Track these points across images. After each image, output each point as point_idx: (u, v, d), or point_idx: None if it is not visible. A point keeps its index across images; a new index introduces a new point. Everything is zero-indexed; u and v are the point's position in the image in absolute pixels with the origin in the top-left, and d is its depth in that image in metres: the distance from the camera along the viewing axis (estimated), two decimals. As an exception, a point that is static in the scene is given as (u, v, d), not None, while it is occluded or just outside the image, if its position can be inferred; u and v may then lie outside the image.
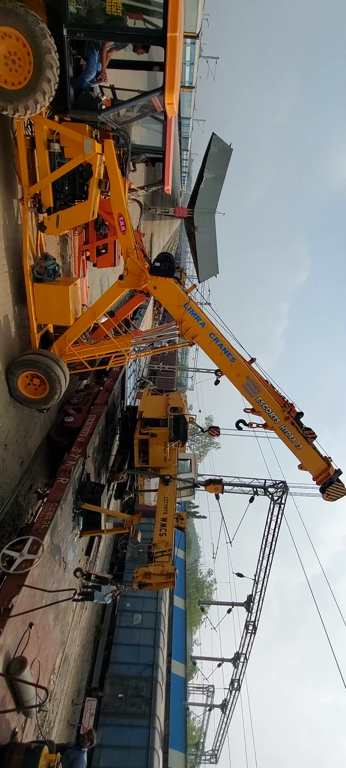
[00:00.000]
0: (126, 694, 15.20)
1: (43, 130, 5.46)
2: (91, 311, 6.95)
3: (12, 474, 6.80)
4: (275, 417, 7.02)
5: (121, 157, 6.32)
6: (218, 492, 10.20)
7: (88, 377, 10.58)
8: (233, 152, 24.05)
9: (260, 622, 18.71)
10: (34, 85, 4.48)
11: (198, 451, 59.28)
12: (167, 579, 6.70)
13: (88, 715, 13.11)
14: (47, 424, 8.47)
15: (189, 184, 76.41)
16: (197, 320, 6.94)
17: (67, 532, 6.55)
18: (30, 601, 4.72)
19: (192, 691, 29.75)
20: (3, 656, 4.08)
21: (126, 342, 7.51)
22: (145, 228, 21.08)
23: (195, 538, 67.24)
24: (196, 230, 25.42)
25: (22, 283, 6.33)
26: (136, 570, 6.77)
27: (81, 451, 7.40)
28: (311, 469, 7.12)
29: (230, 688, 22.33)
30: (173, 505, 8.46)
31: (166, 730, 17.52)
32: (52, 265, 6.45)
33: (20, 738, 4.43)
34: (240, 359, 7.11)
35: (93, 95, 5.48)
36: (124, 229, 6.43)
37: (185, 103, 44.40)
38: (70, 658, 12.00)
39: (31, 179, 5.80)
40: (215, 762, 30.49)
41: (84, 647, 14.51)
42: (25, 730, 4.59)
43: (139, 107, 6.33)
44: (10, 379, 6.33)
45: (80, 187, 6.12)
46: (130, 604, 18.48)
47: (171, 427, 9.75)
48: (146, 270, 6.62)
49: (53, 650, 5.68)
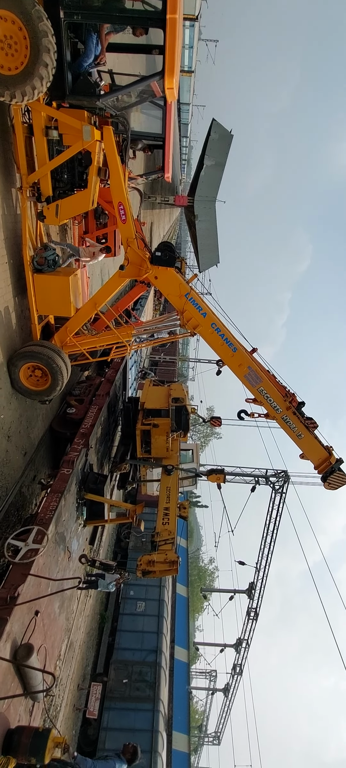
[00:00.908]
0: (130, 679, 15.50)
1: (40, 116, 5.37)
2: (92, 302, 6.91)
3: (15, 465, 6.85)
4: (277, 407, 7.02)
5: (120, 144, 6.22)
6: (220, 481, 10.26)
7: (90, 368, 10.58)
8: (233, 138, 23.67)
9: (261, 609, 19.00)
10: (31, 70, 4.39)
11: (200, 441, 59.52)
12: (170, 567, 6.78)
13: (93, 700, 13.38)
14: (49, 415, 8.50)
15: (189, 171, 75.38)
16: (198, 310, 6.90)
17: (71, 521, 6.62)
18: (35, 589, 4.79)
19: (195, 675, 30.36)
20: (10, 643, 4.15)
21: (127, 333, 7.49)
22: (145, 217, 20.86)
23: (197, 527, 67.95)
24: (196, 219, 25.14)
25: (23, 274, 6.29)
26: (140, 558, 6.85)
27: (83, 442, 7.43)
28: (312, 458, 7.14)
29: (232, 673, 22.77)
30: (176, 494, 8.52)
31: (170, 713, 17.90)
32: (52, 256, 6.40)
33: (28, 722, 4.53)
34: (242, 349, 7.08)
35: (91, 80, 5.39)
36: (124, 218, 6.36)
37: (185, 88, 43.61)
38: (76, 645, 12.26)
39: (29, 168, 5.72)
40: (218, 744, 31.22)
41: (89, 634, 14.77)
42: (33, 714, 4.69)
43: (138, 92, 6.20)
44: (12, 370, 6.33)
45: (79, 175, 6.05)
46: (133, 592, 18.74)
47: (173, 417, 9.78)
48: (147, 260, 6.56)
49: (59, 637, 5.78)
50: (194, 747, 32.14)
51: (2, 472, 6.38)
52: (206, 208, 25.78)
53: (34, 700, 4.63)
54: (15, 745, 3.97)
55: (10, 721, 4.11)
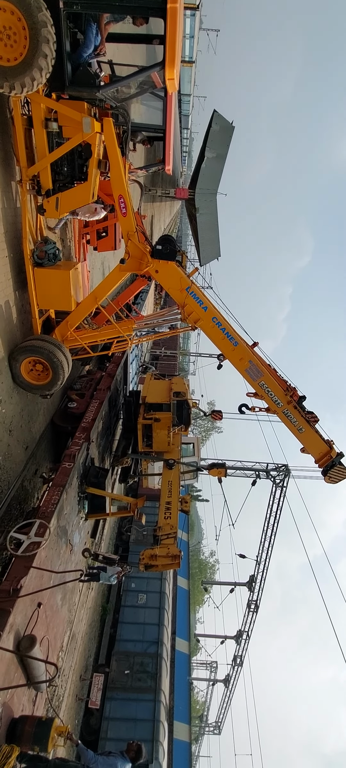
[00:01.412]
0: (132, 670, 15.68)
1: (40, 108, 5.32)
2: (93, 296, 6.89)
3: (17, 459, 6.88)
4: (278, 401, 7.02)
5: (120, 136, 6.16)
6: (221, 475, 10.29)
7: (91, 363, 10.58)
8: (234, 130, 23.42)
9: (261, 602, 19.14)
10: (31, 61, 4.34)
11: (200, 435, 59.58)
12: (173, 561, 6.84)
13: (95, 690, 13.57)
14: (51, 409, 8.52)
15: (190, 164, 74.72)
16: (199, 304, 6.88)
17: (73, 515, 6.66)
18: (38, 581, 4.84)
19: (196, 666, 30.68)
20: (13, 634, 4.20)
21: (128, 327, 7.47)
22: (146, 210, 20.73)
23: (198, 520, 68.30)
24: (197, 212, 24.96)
25: (23, 268, 6.27)
26: (142, 552, 6.91)
27: (85, 436, 7.46)
28: (313, 452, 7.15)
29: (233, 664, 23.00)
30: (177, 488, 8.56)
31: (171, 704, 18.13)
32: (52, 249, 6.37)
33: (31, 711, 4.61)
34: (243, 343, 7.07)
35: (91, 71, 5.33)
36: (124, 212, 6.32)
37: (185, 79, 43.04)
38: (78, 636, 12.38)
39: (29, 160, 5.68)
40: (218, 733, 31.66)
41: (91, 626, 14.93)
42: (36, 704, 4.76)
43: (138, 83, 6.13)
44: (13, 365, 6.34)
45: (79, 168, 6.00)
46: (135, 585, 18.91)
47: (174, 411, 9.79)
48: (148, 253, 6.53)
49: (61, 628, 5.85)
50: (195, 736, 32.60)
51: (4, 466, 6.42)
52: (207, 200, 25.58)
53: (38, 690, 4.70)
54: (19, 734, 4.04)
55: (14, 710, 4.18)
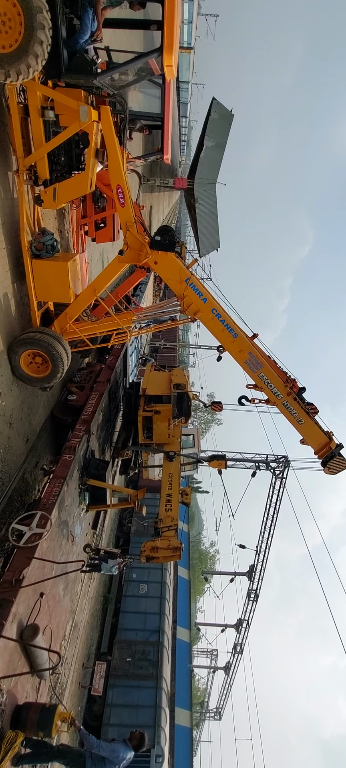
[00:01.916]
0: (134, 658, 15.91)
1: (36, 96, 5.24)
2: (92, 288, 6.86)
3: (18, 451, 6.91)
4: (278, 392, 7.02)
5: (118, 124, 6.08)
6: (222, 467, 10.34)
7: (90, 355, 10.56)
8: (233, 118, 23.09)
9: (261, 591, 19.35)
10: (26, 48, 4.26)
11: (200, 427, 59.74)
12: (174, 552, 6.91)
13: (98, 678, 13.79)
14: (51, 402, 8.52)
15: (189, 153, 73.75)
16: (198, 296, 6.85)
17: (74, 507, 6.71)
18: (40, 572, 4.89)
19: (196, 654, 31.14)
20: (16, 624, 4.26)
21: (127, 319, 7.45)
22: (144, 200, 20.53)
23: (198, 512, 68.76)
24: (196, 202, 24.72)
25: (21, 260, 6.22)
26: (143, 544, 6.98)
27: (85, 428, 7.47)
28: (312, 443, 7.17)
29: (233, 652, 23.35)
30: (178, 480, 8.61)
31: (173, 690, 18.44)
32: (50, 241, 6.32)
33: (35, 699, 4.68)
34: (242, 335, 7.05)
35: (88, 58, 5.23)
36: (123, 202, 6.26)
37: (184, 66, 42.31)
38: (80, 626, 12.55)
39: (26, 150, 5.61)
40: (219, 719, 32.25)
41: (93, 615, 15.12)
42: (40, 692, 4.84)
43: (136, 70, 6.04)
44: (13, 357, 6.33)
45: (77, 157, 5.93)
46: (136, 575, 19.10)
47: (175, 403, 9.80)
48: (146, 244, 6.48)
49: (64, 618, 5.92)
50: (196, 722, 33.19)
51: (5, 458, 6.44)
52: (206, 190, 25.32)
53: (41, 678, 4.77)
54: (23, 721, 4.12)
55: (18, 697, 4.25)
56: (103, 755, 4.54)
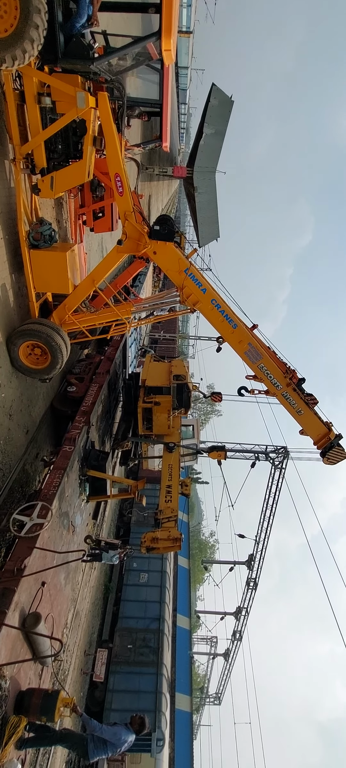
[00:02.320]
0: (135, 645, 16.17)
1: (32, 82, 5.14)
2: (90, 278, 6.81)
3: (18, 443, 6.93)
4: (277, 383, 7.02)
5: (116, 111, 5.98)
6: (221, 458, 10.38)
7: (90, 346, 10.53)
8: (234, 104, 22.72)
9: (260, 580, 19.61)
10: (22, 33, 4.16)
11: (200, 418, 59.89)
12: (174, 543, 6.98)
13: (99, 664, 14.03)
14: (50, 393, 8.53)
15: (188, 141, 72.71)
16: (198, 286, 6.81)
17: (75, 497, 6.75)
18: (41, 562, 4.94)
19: (196, 641, 31.67)
20: (19, 612, 4.31)
21: (126, 310, 7.41)
22: (143, 189, 20.28)
23: (198, 502, 69.32)
24: (196, 191, 24.46)
25: (19, 250, 6.17)
26: (144, 535, 7.03)
27: (85, 419, 7.49)
28: (312, 434, 7.20)
29: (232, 639, 23.73)
30: (178, 472, 8.65)
31: (173, 676, 18.78)
32: (48, 231, 6.26)
33: (38, 685, 4.77)
34: (242, 326, 7.03)
35: (84, 42, 5.12)
36: (121, 191, 6.19)
37: (183, 51, 41.46)
38: (82, 614, 12.73)
39: (22, 138, 5.52)
40: (219, 704, 32.92)
41: (94, 604, 15.32)
42: (42, 678, 4.93)
43: (134, 55, 5.91)
44: (12, 349, 6.31)
45: (74, 145, 5.84)
46: (136, 564, 19.32)
47: (174, 394, 9.80)
48: (145, 234, 6.42)
49: (65, 606, 6.00)
50: (196, 707, 33.87)
51: (5, 449, 6.46)
52: (206, 179, 25.03)
53: (43, 664, 4.85)
54: (26, 706, 4.20)
55: (21, 684, 4.33)
56: (105, 738, 4.65)
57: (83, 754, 4.64)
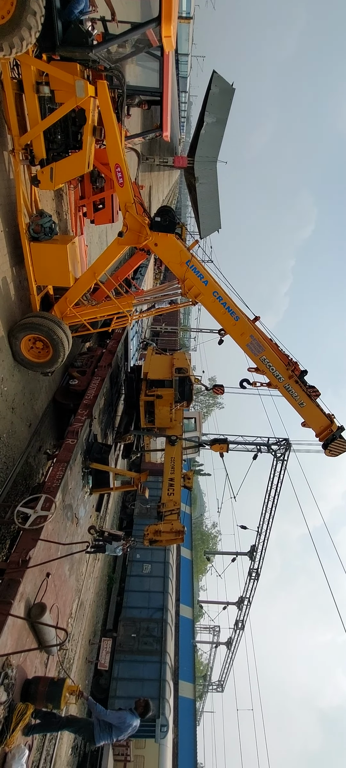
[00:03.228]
0: (138, 634, 16.40)
1: (30, 71, 5.06)
2: (91, 271, 6.78)
3: (21, 436, 6.96)
4: (279, 376, 7.00)
5: (115, 100, 5.89)
6: (223, 450, 10.40)
7: (91, 339, 10.52)
8: (235, 92, 22.33)
9: (262, 571, 19.76)
10: (19, 20, 4.08)
11: (202, 410, 59.93)
12: (176, 536, 7.03)
13: (104, 653, 14.25)
14: (52, 387, 8.54)
15: (188, 130, 71.71)
16: (199, 278, 6.76)
17: (78, 490, 6.79)
18: (46, 553, 4.99)
19: (199, 630, 32.08)
20: (24, 602, 4.37)
21: (128, 302, 7.38)
22: (143, 180, 20.06)
23: (200, 494, 69.67)
24: (196, 182, 24.16)
25: (19, 243, 6.13)
26: (146, 528, 7.09)
27: (87, 413, 7.51)
28: (314, 426, 7.19)
29: (235, 628, 24.01)
30: (180, 464, 8.68)
31: (176, 665, 19.05)
32: (48, 223, 6.22)
33: (44, 673, 4.85)
34: (244, 318, 6.99)
35: (83, 29, 5.03)
36: (121, 182, 6.12)
37: (183, 37, 40.66)
38: (86, 604, 12.89)
39: (21, 128, 5.45)
40: (221, 691, 33.44)
41: (98, 594, 15.51)
42: (48, 667, 5.01)
43: (133, 42, 5.80)
44: (13, 342, 6.31)
45: (74, 135, 5.76)
46: (139, 555, 19.51)
47: (176, 388, 9.79)
48: (146, 226, 6.37)
49: (70, 597, 6.08)
50: (199, 694, 34.45)
51: (8, 443, 6.50)
52: (207, 169, 24.71)
53: (49, 653, 4.93)
54: (33, 693, 4.27)
55: (27, 672, 4.40)
56: (111, 722, 4.72)
57: (89, 738, 4.71)
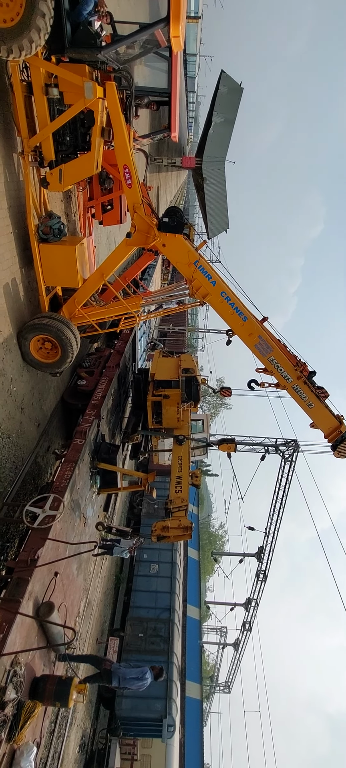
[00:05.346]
0: (146, 634, 16.41)
1: (39, 73, 5.10)
2: (99, 272, 6.80)
3: (30, 436, 7.03)
4: (288, 376, 6.93)
5: (123, 101, 5.90)
6: (231, 451, 10.35)
7: (99, 340, 10.57)
8: (243, 92, 22.19)
9: (269, 573, 19.59)
10: (28, 22, 4.13)
11: (209, 411, 59.77)
12: (184, 532, 7.00)
13: (111, 652, 14.29)
14: (61, 387, 8.60)
15: (196, 130, 71.60)
16: (207, 279, 6.73)
17: (86, 490, 6.82)
18: (54, 552, 5.02)
19: (206, 631, 31.96)
20: (32, 601, 4.40)
21: (136, 303, 7.39)
22: (151, 181, 20.09)
23: (207, 494, 69.48)
24: (205, 182, 24.08)
25: (28, 244, 6.19)
26: (154, 524, 7.08)
27: (95, 413, 7.54)
28: (322, 427, 7.10)
29: (242, 629, 23.86)
30: (188, 463, 8.65)
31: (183, 665, 19.02)
32: (57, 224, 6.26)
33: (51, 672, 4.88)
34: (252, 318, 6.93)
35: (92, 30, 5.05)
36: (130, 182, 6.13)
37: (191, 37, 40.60)
38: (93, 603, 12.94)
39: (30, 130, 5.50)
40: (228, 692, 33.27)
41: (105, 593, 15.57)
42: (56, 665, 5.04)
43: (141, 43, 5.81)
44: (22, 343, 6.37)
45: (82, 137, 5.79)
46: (147, 555, 19.52)
47: (183, 388, 9.78)
48: (154, 226, 6.36)
49: (78, 596, 6.10)
50: (206, 695, 34.31)
51: (17, 442, 6.56)
52: (215, 169, 24.60)
53: (57, 652, 4.96)
54: (41, 691, 4.31)
55: (36, 670, 4.43)
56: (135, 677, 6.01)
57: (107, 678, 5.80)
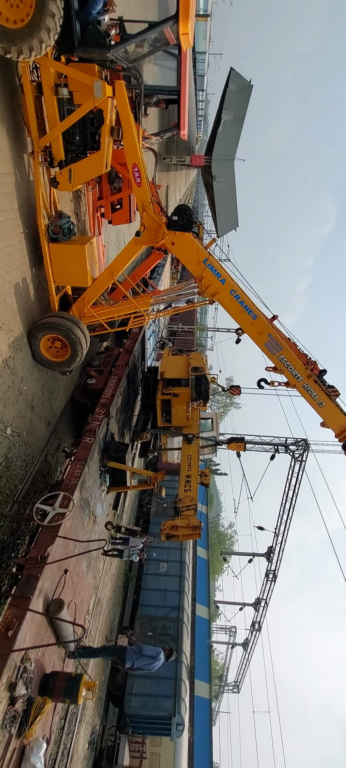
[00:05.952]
0: (155, 633, 16.44)
1: (49, 73, 5.13)
2: (109, 271, 6.82)
3: (40, 434, 7.10)
4: (298, 375, 6.83)
5: (133, 100, 5.89)
6: (240, 450, 10.27)
7: (108, 339, 10.61)
8: (253, 89, 21.95)
9: (279, 573, 19.39)
10: (38, 22, 4.15)
11: (219, 411, 59.49)
12: (193, 531, 6.99)
13: (120, 650, 14.35)
14: (70, 386, 8.67)
15: (206, 129, 71.28)
16: (217, 277, 6.67)
17: (95, 488, 6.86)
18: (64, 550, 5.06)
19: (215, 631, 31.89)
20: (42, 598, 4.44)
21: (145, 302, 7.38)
22: (161, 179, 20.08)
23: (217, 494, 69.25)
24: (214, 180, 23.92)
25: (38, 244, 6.24)
26: (163, 523, 7.09)
27: (104, 411, 7.57)
28: (333, 426, 6.97)
29: (251, 629, 23.70)
30: (197, 461, 8.62)
31: (192, 664, 19.00)
32: (67, 224, 6.30)
33: (61, 668, 4.92)
34: (262, 316, 6.85)
35: (101, 29, 5.05)
36: (139, 181, 6.12)
37: (200, 35, 40.39)
38: (103, 601, 13.03)
39: (40, 130, 5.54)
40: (237, 692, 33.12)
41: (115, 591, 15.67)
42: (66, 662, 5.08)
43: (150, 41, 5.78)
44: (33, 342, 6.43)
45: (92, 136, 5.81)
46: (156, 554, 19.56)
47: (193, 386, 9.75)
48: (163, 225, 6.34)
49: (87, 593, 6.15)
50: (215, 694, 34.24)
51: (28, 441, 6.64)
52: (225, 167, 24.41)
53: (66, 649, 5.00)
54: (50, 688, 4.34)
55: (45, 667, 4.47)
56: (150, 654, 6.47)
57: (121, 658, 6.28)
